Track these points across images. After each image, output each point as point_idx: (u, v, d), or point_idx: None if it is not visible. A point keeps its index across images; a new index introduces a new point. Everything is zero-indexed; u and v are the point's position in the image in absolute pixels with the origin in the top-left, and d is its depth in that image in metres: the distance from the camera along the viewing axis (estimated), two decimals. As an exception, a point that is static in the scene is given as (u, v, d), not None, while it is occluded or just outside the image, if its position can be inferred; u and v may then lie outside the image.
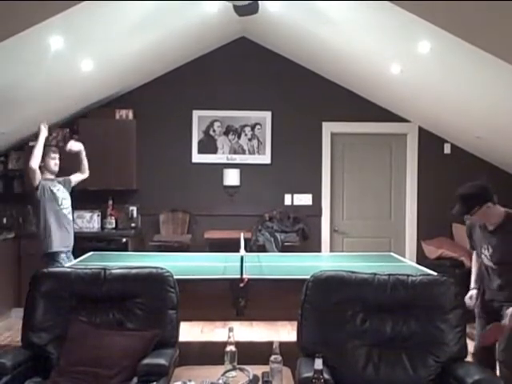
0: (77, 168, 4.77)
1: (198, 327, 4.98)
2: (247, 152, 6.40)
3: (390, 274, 2.85)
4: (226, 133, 6.39)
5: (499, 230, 2.85)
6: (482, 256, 2.98)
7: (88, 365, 2.60)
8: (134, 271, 2.99)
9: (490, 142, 5.66)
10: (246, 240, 4.61)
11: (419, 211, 6.38)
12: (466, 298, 3.07)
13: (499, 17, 3.00)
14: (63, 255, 4.42)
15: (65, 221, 4.52)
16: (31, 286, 2.95)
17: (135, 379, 2.53)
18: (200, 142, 6.38)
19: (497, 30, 3.18)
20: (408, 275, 2.87)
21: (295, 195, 6.40)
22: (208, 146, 6.39)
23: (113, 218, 6.16)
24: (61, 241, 4.43)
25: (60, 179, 4.63)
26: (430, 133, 6.37)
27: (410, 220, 6.43)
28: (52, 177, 4.57)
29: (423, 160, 6.39)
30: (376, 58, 4.88)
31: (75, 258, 4.46)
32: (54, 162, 4.55)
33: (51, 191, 4.45)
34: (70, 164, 4.76)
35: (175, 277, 2.97)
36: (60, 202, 4.50)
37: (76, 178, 4.77)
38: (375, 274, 2.86)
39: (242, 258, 3.39)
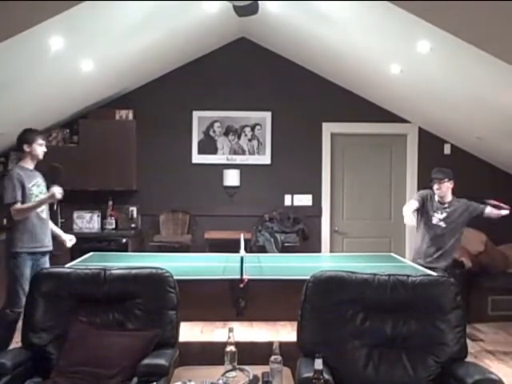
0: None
1: (198, 327, 4.98)
2: (247, 152, 6.40)
3: (390, 275, 2.85)
4: (226, 133, 6.39)
5: (449, 206, 4.47)
6: (434, 217, 4.47)
7: (88, 365, 2.60)
8: (134, 272, 2.99)
9: (490, 143, 5.66)
10: (245, 240, 4.60)
11: (419, 211, 6.37)
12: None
13: (499, 17, 3.00)
14: (26, 256, 4.01)
15: (34, 219, 4.06)
16: (31, 286, 2.95)
17: (135, 379, 2.52)
18: (200, 143, 6.38)
19: (497, 30, 3.18)
20: (408, 275, 2.87)
21: (295, 196, 6.40)
22: (208, 146, 6.39)
23: (113, 218, 6.16)
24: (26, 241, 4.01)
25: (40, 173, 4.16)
26: (430, 133, 6.37)
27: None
28: (31, 166, 4.12)
29: (423, 160, 6.39)
30: (376, 58, 4.88)
31: (75, 258, 4.42)
32: (42, 150, 4.11)
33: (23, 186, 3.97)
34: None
35: (175, 277, 2.96)
36: (33, 200, 4.01)
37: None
38: (375, 275, 2.85)
39: (241, 259, 3.39)
